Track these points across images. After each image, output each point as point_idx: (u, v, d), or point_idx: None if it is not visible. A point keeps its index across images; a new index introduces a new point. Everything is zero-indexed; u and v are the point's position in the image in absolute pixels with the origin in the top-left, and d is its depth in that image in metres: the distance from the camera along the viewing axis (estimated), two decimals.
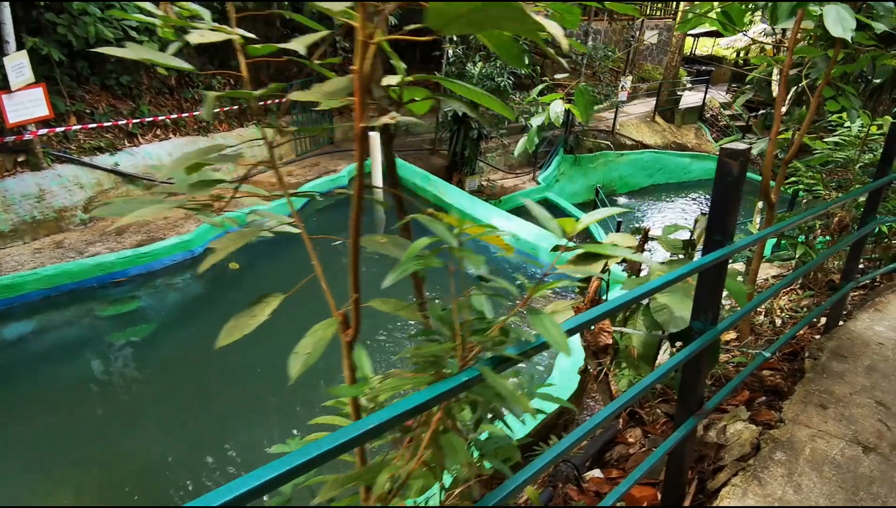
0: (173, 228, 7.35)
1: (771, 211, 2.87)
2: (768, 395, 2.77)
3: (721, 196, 1.38)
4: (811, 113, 2.69)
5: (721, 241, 1.41)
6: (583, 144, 14.86)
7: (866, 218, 2.75)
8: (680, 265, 2.03)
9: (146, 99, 8.65)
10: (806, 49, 2.89)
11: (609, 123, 15.63)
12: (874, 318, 3.07)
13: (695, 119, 18.18)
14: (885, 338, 2.84)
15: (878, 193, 2.66)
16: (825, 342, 2.82)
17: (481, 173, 12.84)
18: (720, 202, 1.39)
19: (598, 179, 15.14)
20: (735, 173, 1.33)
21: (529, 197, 12.83)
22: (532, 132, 3.30)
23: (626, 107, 17.47)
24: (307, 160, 10.61)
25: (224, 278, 6.83)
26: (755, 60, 3.51)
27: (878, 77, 3.74)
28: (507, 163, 14.14)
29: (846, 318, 3.28)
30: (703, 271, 1.40)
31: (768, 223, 2.91)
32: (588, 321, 1.18)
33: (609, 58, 18.28)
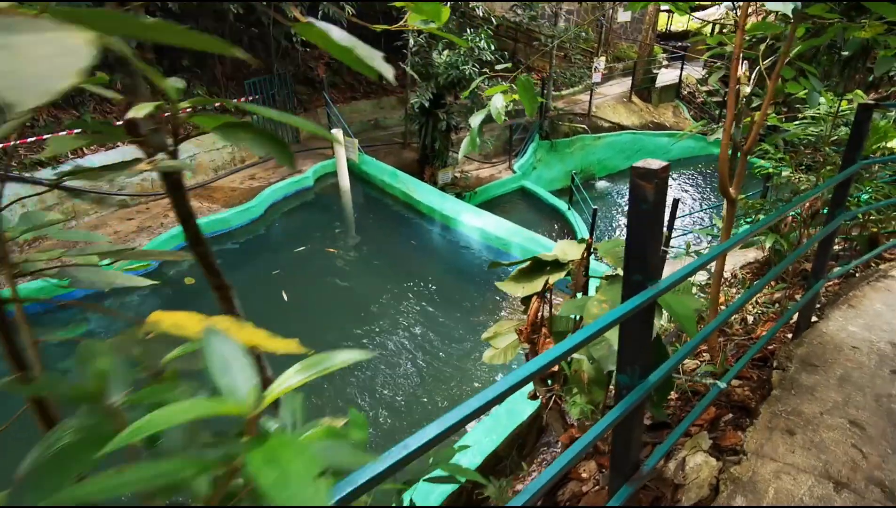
0: (123, 243, 6.95)
1: (731, 208, 2.60)
2: (736, 412, 2.53)
3: (638, 228, 1.10)
4: (769, 96, 2.41)
5: (642, 281, 1.12)
6: (559, 128, 14.55)
7: (834, 212, 2.49)
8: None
9: (90, 106, 8.18)
10: (761, 25, 2.60)
11: (585, 106, 15.33)
12: (848, 316, 2.83)
13: (672, 97, 17.94)
14: (859, 340, 2.61)
15: (845, 184, 2.40)
16: (794, 348, 2.57)
17: (455, 165, 12.51)
18: (637, 235, 1.11)
19: (576, 164, 14.87)
20: (651, 199, 1.04)
21: (506, 187, 12.58)
22: (473, 131, 2.99)
23: (602, 88, 17.17)
24: (271, 161, 10.19)
25: (181, 294, 6.48)
26: (710, 41, 3.25)
27: (848, 50, 3.48)
28: (482, 153, 13.81)
29: (819, 315, 3.04)
30: (625, 320, 1.12)
31: (729, 222, 2.65)
32: (528, 377, 0.88)
33: (583, 38, 17.92)
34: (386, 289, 6.68)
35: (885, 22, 3.20)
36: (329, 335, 5.78)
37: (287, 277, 6.74)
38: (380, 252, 7.54)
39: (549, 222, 10.92)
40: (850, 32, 3.18)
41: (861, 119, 2.34)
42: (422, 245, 7.75)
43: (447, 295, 6.46)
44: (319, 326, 5.91)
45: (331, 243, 7.64)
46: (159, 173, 0.86)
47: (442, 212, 7.98)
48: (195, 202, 8.24)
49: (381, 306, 6.29)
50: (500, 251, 7.17)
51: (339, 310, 6.20)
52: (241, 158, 9.84)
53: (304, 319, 6.02)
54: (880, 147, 3.93)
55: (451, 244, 7.75)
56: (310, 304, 6.29)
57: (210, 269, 1.00)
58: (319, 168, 9.85)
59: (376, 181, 9.52)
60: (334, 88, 12.70)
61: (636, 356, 1.21)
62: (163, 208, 7.97)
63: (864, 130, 2.34)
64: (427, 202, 8.27)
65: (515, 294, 2.36)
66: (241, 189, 8.85)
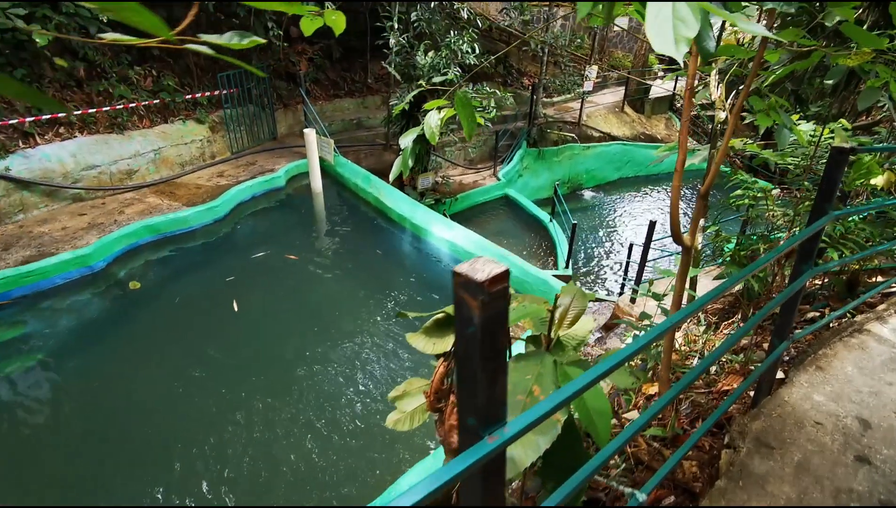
0: (70, 240, 6.55)
1: (686, 257, 2.27)
2: (680, 495, 2.20)
3: (465, 357, 0.75)
4: (730, 129, 2.08)
5: (475, 428, 0.78)
6: (547, 136, 14.23)
7: (800, 268, 2.17)
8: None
9: (49, 94, 7.75)
10: (727, 48, 2.27)
11: (576, 114, 15.01)
12: (814, 381, 2.51)
13: (665, 109, 17.68)
14: (824, 414, 2.28)
15: (814, 238, 2.07)
16: (750, 422, 2.25)
17: (438, 169, 12.15)
18: (466, 366, 0.76)
19: (564, 174, 14.56)
20: (478, 321, 0.70)
21: (489, 194, 12.25)
22: (406, 152, 2.66)
23: (594, 97, 16.87)
24: (244, 158, 9.80)
25: (126, 298, 6.09)
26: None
27: (831, 78, 3.16)
28: (466, 158, 13.46)
29: (784, 372, 2.72)
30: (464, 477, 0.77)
31: (683, 273, 2.32)
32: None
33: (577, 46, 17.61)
34: (345, 302, 6.33)
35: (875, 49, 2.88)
36: (274, 349, 5.41)
37: (242, 285, 6.37)
38: (343, 261, 7.18)
39: (530, 233, 10.61)
40: (835, 59, 2.88)
41: (834, 165, 2.02)
42: (389, 255, 7.39)
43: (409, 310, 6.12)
44: (267, 339, 5.55)
45: (294, 249, 7.27)
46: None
47: (412, 221, 7.62)
48: (155, 199, 7.85)
49: (336, 321, 5.94)
50: None
51: (291, 323, 5.84)
52: (212, 153, 9.45)
53: (251, 332, 5.65)
54: (863, 184, 3.62)
55: (420, 256, 7.40)
56: (261, 315, 5.92)
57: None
58: (293, 168, 9.47)
59: (350, 184, 9.15)
60: (317, 84, 12.31)
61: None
62: (119, 204, 7.57)
63: (835, 177, 2.02)
64: (397, 210, 7.91)
65: (425, 351, 2.01)
66: (207, 187, 8.45)
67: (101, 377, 5.06)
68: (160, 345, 5.42)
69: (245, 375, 5.04)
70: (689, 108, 1.88)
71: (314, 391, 4.92)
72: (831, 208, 2.08)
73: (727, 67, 5.13)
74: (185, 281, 6.41)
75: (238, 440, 4.41)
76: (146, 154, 8.26)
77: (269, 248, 7.23)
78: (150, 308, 5.92)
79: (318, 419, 4.62)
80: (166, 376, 5.03)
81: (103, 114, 8.04)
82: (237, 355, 5.30)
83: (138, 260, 6.73)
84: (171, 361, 5.21)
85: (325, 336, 5.64)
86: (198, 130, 9.19)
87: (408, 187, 10.98)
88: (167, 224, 7.20)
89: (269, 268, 6.77)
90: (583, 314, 1.61)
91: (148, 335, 5.55)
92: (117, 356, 5.32)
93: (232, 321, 5.78)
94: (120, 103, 8.17)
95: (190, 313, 5.83)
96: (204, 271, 6.61)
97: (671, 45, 0.67)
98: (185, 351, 5.31)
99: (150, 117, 8.71)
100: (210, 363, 5.16)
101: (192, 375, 5.02)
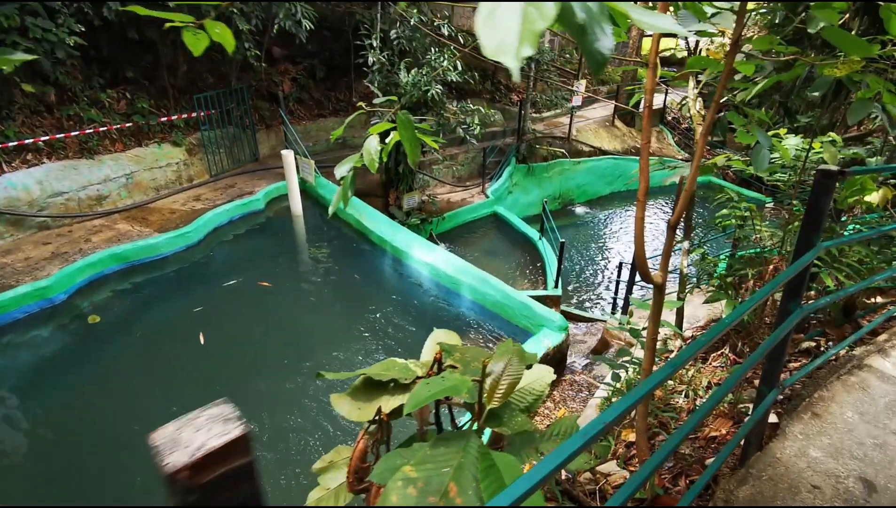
0: (32, 271, 6.25)
1: (658, 296, 1.99)
2: None
3: None
4: (699, 149, 1.81)
5: None
6: (537, 152, 14.05)
7: (787, 307, 1.88)
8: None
9: (19, 120, 7.53)
10: (699, 59, 2.01)
11: (565, 130, 14.85)
12: (810, 432, 2.20)
13: (656, 122, 17.55)
14: (821, 475, 1.97)
15: (800, 276, 1.79)
16: (737, 487, 1.94)
17: (425, 188, 11.92)
18: None
19: (554, 189, 14.35)
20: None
21: (477, 212, 12.00)
22: (346, 182, 2.38)
23: (584, 111, 16.75)
24: (224, 180, 9.55)
25: (85, 333, 5.76)
26: (691, 62, 2.71)
27: (816, 90, 2.91)
28: (454, 175, 13.25)
29: (775, 420, 2.42)
30: None
31: (656, 315, 2.03)
32: None
33: (566, 61, 17.56)
34: (318, 331, 6.01)
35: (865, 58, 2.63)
36: (239, 387, 5.08)
37: (211, 315, 6.05)
38: (320, 287, 6.88)
39: (520, 252, 10.33)
40: (822, 70, 2.63)
41: (820, 189, 1.74)
42: (367, 280, 7.09)
43: (386, 342, 5.80)
44: (233, 376, 5.22)
45: (269, 275, 6.97)
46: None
47: (392, 244, 7.34)
48: (125, 225, 7.57)
49: (308, 353, 5.61)
50: (449, 290, 6.52)
51: (260, 356, 5.51)
52: (189, 176, 9.20)
53: (218, 365, 5.33)
54: (857, 201, 3.36)
55: (400, 280, 7.10)
56: (229, 348, 5.59)
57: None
58: (273, 190, 9.21)
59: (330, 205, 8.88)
60: (301, 104, 12.14)
61: None
62: (86, 232, 7.28)
63: (823, 203, 1.74)
64: (378, 232, 7.63)
65: (349, 417, 1.71)
66: (182, 211, 8.18)
67: (56, 419, 4.73)
68: (118, 384, 5.09)
69: None
70: (648, 128, 1.61)
71: (281, 438, 4.58)
72: (819, 239, 1.80)
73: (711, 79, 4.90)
74: (151, 313, 6.09)
75: None
76: (117, 179, 8.00)
77: (243, 275, 6.93)
78: (109, 343, 5.59)
79: (281, 470, 4.28)
80: (123, 417, 4.69)
81: (73, 139, 7.80)
82: (198, 394, 4.96)
83: (103, 291, 6.42)
84: (127, 401, 4.88)
85: (295, 370, 5.32)
86: (174, 153, 8.95)
87: (393, 207, 10.73)
88: (135, 252, 6.91)
89: (241, 296, 6.47)
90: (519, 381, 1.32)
91: (106, 372, 5.22)
92: (74, 395, 4.98)
93: (197, 355, 5.45)
94: (91, 128, 7.93)
95: (152, 348, 5.51)
96: (172, 301, 6.30)
97: (511, 41, 0.39)
98: (143, 390, 4.98)
99: (123, 141, 8.47)
100: (170, 403, 4.83)
101: (150, 415, 4.68)
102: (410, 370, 1.65)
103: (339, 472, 1.82)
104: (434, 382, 1.26)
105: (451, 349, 1.67)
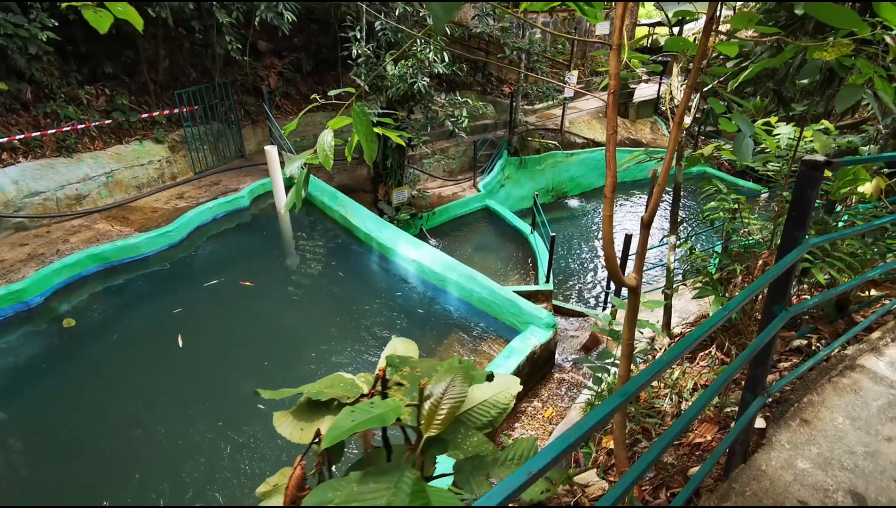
0: (6, 274, 6.07)
1: (633, 299, 1.84)
2: None
3: None
4: (673, 138, 1.66)
5: None
6: (529, 144, 13.86)
7: (770, 312, 1.73)
8: None
9: None
10: (679, 41, 1.86)
11: (558, 122, 14.66)
12: (798, 441, 2.06)
13: (650, 113, 17.37)
14: (809, 488, 1.84)
15: (785, 277, 1.64)
16: (718, 502, 1.80)
17: (416, 182, 11.74)
18: None
19: (547, 182, 14.18)
20: None
21: (468, 206, 11.83)
22: (300, 179, 2.23)
23: (577, 102, 16.55)
24: (208, 178, 9.36)
25: (61, 337, 5.60)
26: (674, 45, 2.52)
27: (804, 77, 2.75)
28: (446, 169, 13.06)
29: (762, 424, 2.28)
30: None
31: (630, 318, 1.88)
32: None
33: (558, 52, 17.32)
34: (300, 331, 5.86)
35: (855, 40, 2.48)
36: (217, 390, 4.94)
37: (190, 317, 5.89)
38: (303, 285, 6.72)
39: (512, 245, 10.18)
40: (811, 53, 2.48)
41: (806, 182, 1.59)
42: (352, 278, 6.92)
43: (369, 342, 5.65)
44: (210, 379, 5.07)
45: (252, 274, 6.80)
46: None
47: (378, 240, 7.18)
48: (105, 225, 7.39)
49: (289, 355, 5.47)
50: (436, 288, 6.37)
51: (239, 358, 5.36)
52: (172, 174, 9.01)
53: (195, 370, 5.17)
54: (849, 192, 3.21)
55: (387, 278, 6.95)
56: (208, 351, 5.44)
57: None
58: (258, 186, 9.03)
59: (317, 203, 8.72)
60: (288, 98, 11.93)
61: None
62: (64, 232, 7.11)
63: (808, 197, 1.59)
64: (364, 229, 7.47)
65: (291, 438, 1.56)
66: (164, 210, 8.00)
67: (23, 428, 4.58)
68: (92, 389, 4.94)
69: (181, 425, 4.56)
70: (613, 116, 1.45)
71: (257, 444, 4.44)
72: (805, 236, 1.65)
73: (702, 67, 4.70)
74: (129, 315, 5.93)
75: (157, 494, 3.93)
76: (97, 177, 7.81)
77: (226, 274, 6.77)
78: (84, 348, 5.43)
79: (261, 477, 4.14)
80: (93, 424, 4.55)
81: (50, 137, 7.60)
82: (174, 399, 4.82)
83: (81, 293, 6.25)
84: (99, 408, 4.73)
85: (275, 373, 5.17)
86: (156, 151, 8.75)
87: (382, 202, 10.56)
88: (115, 252, 6.73)
89: (222, 297, 6.31)
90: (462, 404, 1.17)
91: (79, 378, 5.06)
92: (47, 401, 4.83)
93: (175, 358, 5.30)
94: (68, 125, 7.73)
95: (128, 352, 5.35)
96: (151, 302, 6.13)
97: None
98: (116, 396, 4.83)
99: (103, 139, 8.27)
100: (144, 409, 4.68)
101: (122, 424, 4.53)
102: (356, 386, 1.50)
103: (282, 496, 1.67)
104: (360, 409, 1.11)
105: (401, 362, 1.52)
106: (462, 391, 1.16)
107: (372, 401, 1.19)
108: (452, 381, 1.18)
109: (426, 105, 9.26)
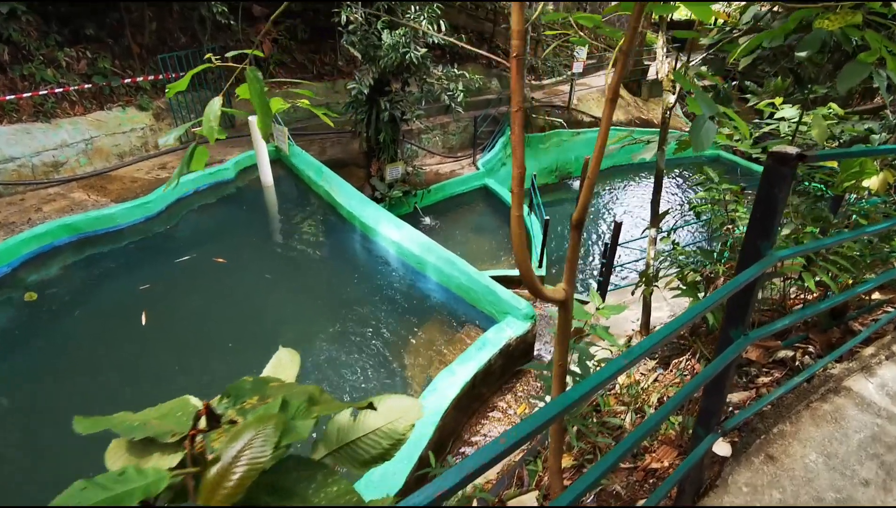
0: None
1: (564, 313, 1.53)
2: None
3: None
4: (606, 119, 1.33)
5: None
6: (533, 122, 13.34)
7: (727, 336, 1.42)
8: None
9: None
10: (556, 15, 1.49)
11: (566, 98, 14.08)
12: (758, 483, 1.76)
13: (657, 92, 16.63)
14: None
15: (745, 295, 1.31)
16: None
17: (413, 157, 11.37)
18: None
19: (551, 162, 13.69)
20: None
21: (466, 184, 11.44)
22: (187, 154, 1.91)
23: (587, 79, 15.89)
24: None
25: (21, 312, 5.41)
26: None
27: (803, 49, 2.36)
28: (446, 145, 12.63)
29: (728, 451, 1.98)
30: None
31: (562, 335, 1.57)
32: None
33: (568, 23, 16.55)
34: (274, 312, 5.63)
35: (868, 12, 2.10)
36: (177, 374, 4.74)
37: (157, 294, 5.68)
38: (278, 264, 6.47)
39: (508, 227, 9.81)
40: (820, 20, 2.13)
41: (773, 179, 1.25)
42: (331, 257, 6.66)
43: (345, 324, 5.41)
44: (171, 361, 4.87)
45: (229, 250, 6.57)
46: None
47: (361, 219, 6.88)
48: (81, 194, 7.17)
49: (258, 337, 5.25)
50: (415, 271, 6.08)
51: (204, 339, 5.16)
52: (156, 143, 8.73)
53: (157, 350, 4.98)
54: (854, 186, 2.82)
55: (367, 257, 6.67)
56: (173, 329, 5.24)
57: None
58: (245, 158, 8.73)
59: (303, 177, 8.41)
60: (282, 67, 11.51)
61: None
62: (39, 200, 6.90)
63: (775, 198, 1.25)
64: (347, 206, 7.16)
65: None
66: (145, 180, 7.76)
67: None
68: (46, 368, 4.76)
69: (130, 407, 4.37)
70: (519, 86, 1.12)
71: None
72: (769, 246, 1.32)
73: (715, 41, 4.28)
74: (95, 290, 5.74)
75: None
76: (76, 144, 7.56)
77: (202, 249, 6.54)
78: (45, 323, 5.26)
79: None
80: (46, 405, 4.39)
81: (26, 101, 7.34)
82: (133, 378, 4.64)
83: (50, 265, 6.06)
84: (54, 388, 4.56)
85: (240, 355, 4.96)
86: (139, 118, 8.46)
87: (375, 178, 10.21)
88: (88, 223, 6.52)
89: (193, 273, 6.08)
90: (262, 467, 0.88)
91: (35, 355, 4.89)
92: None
93: (136, 337, 5.11)
94: (46, 88, 7.45)
95: (89, 329, 5.17)
96: (119, 277, 5.93)
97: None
98: (72, 375, 4.65)
99: (84, 104, 7.99)
100: (100, 389, 4.51)
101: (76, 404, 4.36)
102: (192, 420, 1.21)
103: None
104: (94, 486, 0.83)
105: (252, 389, 1.23)
106: (264, 451, 0.88)
107: (123, 469, 0.91)
108: (255, 438, 0.89)
109: (421, 77, 8.82)
